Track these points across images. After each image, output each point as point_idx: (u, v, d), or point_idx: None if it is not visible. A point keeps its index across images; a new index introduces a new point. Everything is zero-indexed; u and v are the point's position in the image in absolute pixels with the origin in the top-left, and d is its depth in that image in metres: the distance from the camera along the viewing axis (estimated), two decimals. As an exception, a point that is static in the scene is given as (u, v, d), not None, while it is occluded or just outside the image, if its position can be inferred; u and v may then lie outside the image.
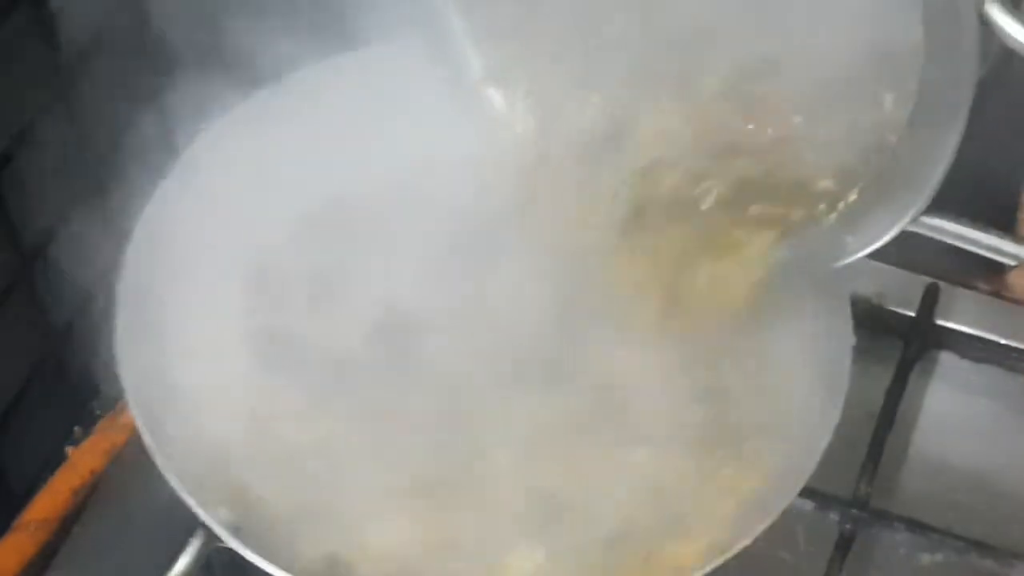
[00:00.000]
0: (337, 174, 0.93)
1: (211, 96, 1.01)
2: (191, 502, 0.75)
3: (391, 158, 0.93)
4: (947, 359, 1.02)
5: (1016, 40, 0.64)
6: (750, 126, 0.76)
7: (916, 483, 0.98)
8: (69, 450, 0.96)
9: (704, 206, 0.77)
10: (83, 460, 0.94)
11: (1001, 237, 0.75)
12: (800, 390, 0.84)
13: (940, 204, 0.75)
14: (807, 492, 0.87)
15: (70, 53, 0.87)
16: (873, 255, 1.03)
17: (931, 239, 1.05)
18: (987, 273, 1.03)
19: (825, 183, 0.77)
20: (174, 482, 0.75)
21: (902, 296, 1.02)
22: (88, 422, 0.98)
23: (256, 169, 0.90)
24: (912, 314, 1.00)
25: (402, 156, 0.93)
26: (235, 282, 0.89)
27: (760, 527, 0.75)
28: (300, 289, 0.90)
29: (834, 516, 0.90)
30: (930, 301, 1.00)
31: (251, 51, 1.04)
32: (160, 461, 0.76)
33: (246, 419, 0.84)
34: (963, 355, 1.01)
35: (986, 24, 0.64)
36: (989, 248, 0.76)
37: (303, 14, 0.95)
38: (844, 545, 0.89)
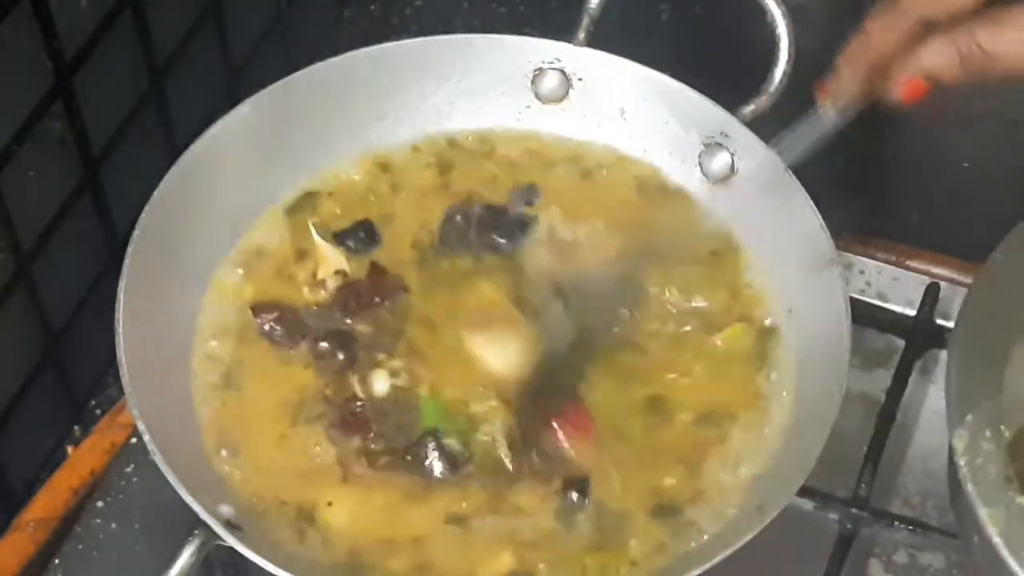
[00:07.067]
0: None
1: (211, 96, 1.01)
2: (191, 501, 0.75)
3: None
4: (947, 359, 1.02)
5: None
6: None
7: (916, 483, 0.98)
8: (69, 449, 0.96)
9: None
10: (83, 459, 0.94)
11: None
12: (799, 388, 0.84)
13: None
14: (807, 492, 0.87)
15: (70, 52, 0.87)
16: (873, 255, 1.03)
17: (931, 239, 1.05)
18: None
19: None
20: (174, 481, 0.75)
21: (902, 296, 1.02)
22: (88, 422, 0.98)
23: (256, 169, 0.91)
24: (912, 314, 1.00)
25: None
26: (235, 281, 0.89)
27: (759, 527, 0.75)
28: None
29: (834, 516, 0.90)
30: (930, 301, 1.00)
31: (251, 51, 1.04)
32: (160, 461, 0.76)
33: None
34: (963, 354, 1.01)
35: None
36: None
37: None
38: (844, 545, 0.89)
